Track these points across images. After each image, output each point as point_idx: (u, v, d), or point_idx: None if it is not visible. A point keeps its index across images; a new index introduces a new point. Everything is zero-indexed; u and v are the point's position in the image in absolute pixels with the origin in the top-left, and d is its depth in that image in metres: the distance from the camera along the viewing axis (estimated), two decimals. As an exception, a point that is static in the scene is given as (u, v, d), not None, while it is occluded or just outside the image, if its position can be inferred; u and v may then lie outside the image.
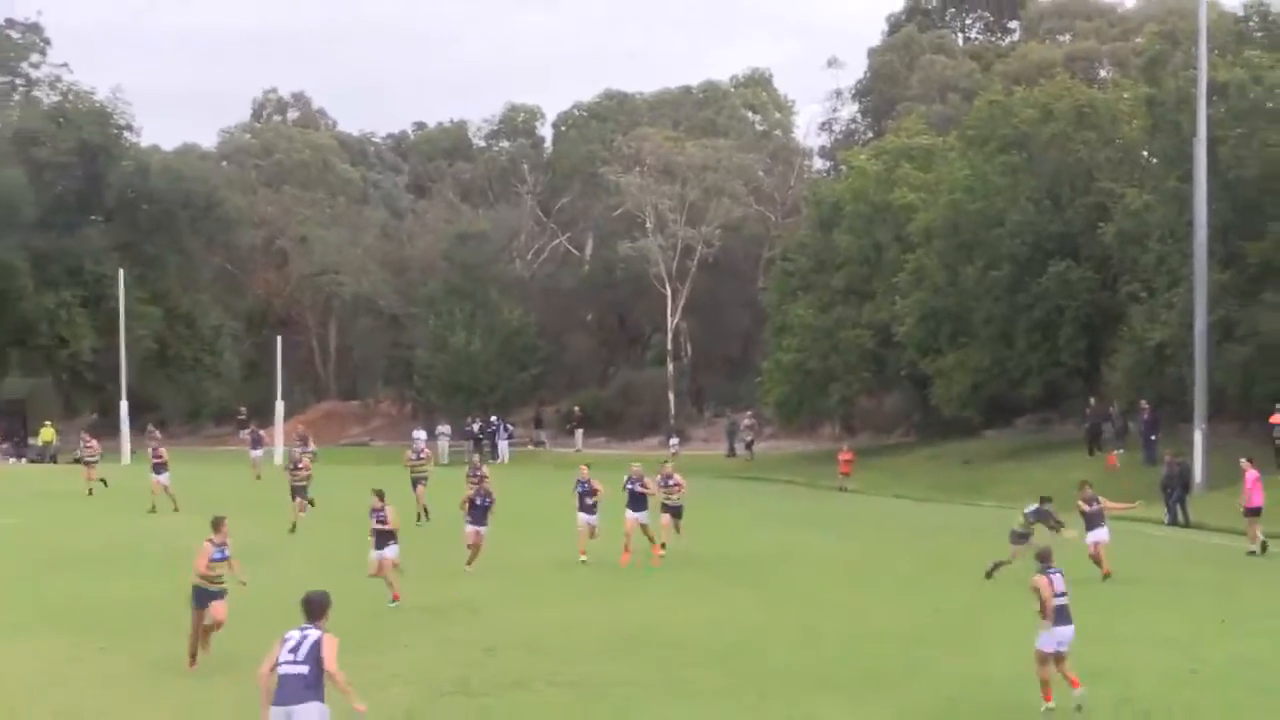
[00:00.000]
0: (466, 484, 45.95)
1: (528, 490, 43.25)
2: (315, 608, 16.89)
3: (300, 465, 51.87)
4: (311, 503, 52.60)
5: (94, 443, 63.02)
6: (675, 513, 42.32)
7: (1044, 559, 22.75)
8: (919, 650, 28.53)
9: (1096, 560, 37.61)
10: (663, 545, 41.52)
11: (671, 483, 42.49)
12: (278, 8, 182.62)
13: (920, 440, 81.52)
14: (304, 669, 15.95)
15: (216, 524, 26.06)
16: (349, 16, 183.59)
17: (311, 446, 58.77)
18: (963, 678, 26.14)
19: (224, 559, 25.87)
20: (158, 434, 76.20)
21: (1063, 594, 22.18)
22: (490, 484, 41.06)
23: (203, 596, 25.49)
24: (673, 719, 22.78)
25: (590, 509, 40.97)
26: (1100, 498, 39.09)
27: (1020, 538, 37.33)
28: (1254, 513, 46.34)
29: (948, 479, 69.26)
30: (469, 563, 38.45)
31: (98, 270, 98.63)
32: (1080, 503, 38.79)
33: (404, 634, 28.52)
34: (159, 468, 54.79)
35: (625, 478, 42.09)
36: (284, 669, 16.02)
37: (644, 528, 41.40)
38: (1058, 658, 21.88)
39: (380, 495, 35.21)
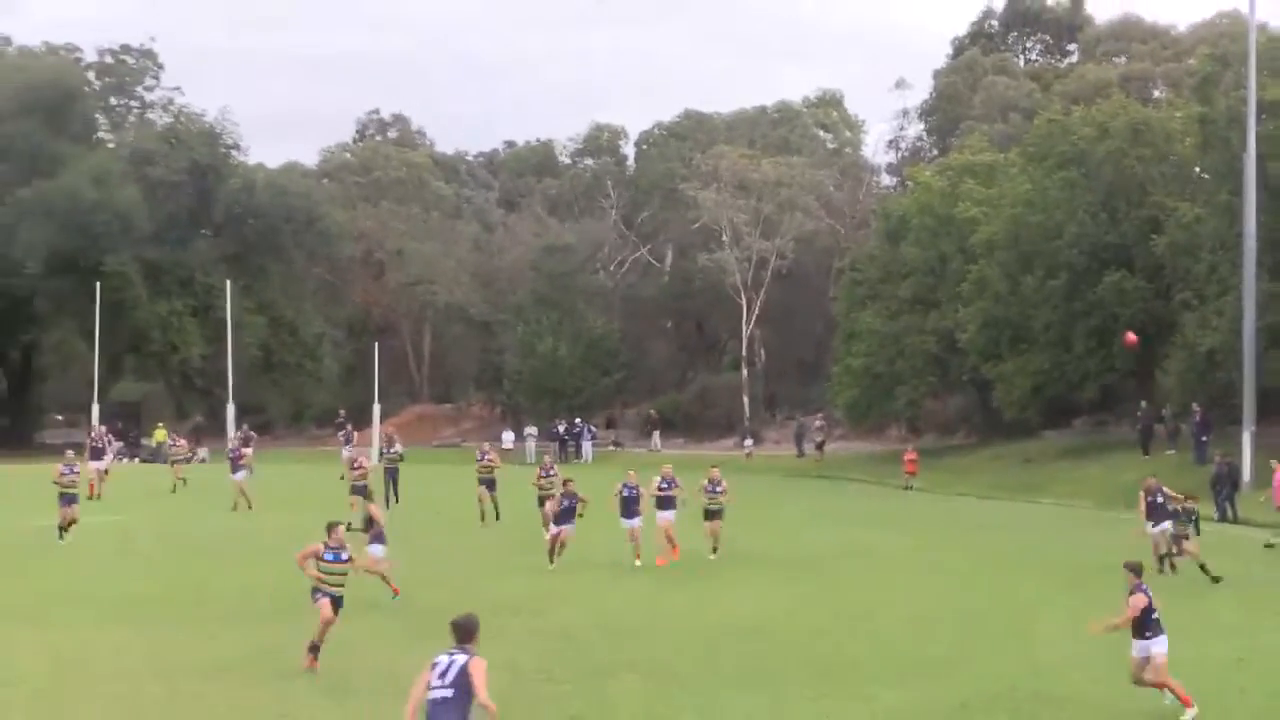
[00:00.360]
0: (537, 482, 46.29)
1: (609, 488, 42.76)
2: (463, 631, 16.16)
3: (357, 465, 50.75)
4: (397, 498, 53.61)
5: (182, 442, 63.65)
6: (717, 515, 41.33)
7: (1137, 572, 22.15)
8: (978, 640, 28.47)
9: (1158, 552, 36.74)
10: (714, 549, 40.88)
11: (719, 489, 41.56)
12: (375, 35, 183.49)
13: (981, 441, 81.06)
14: (449, 693, 15.35)
15: (329, 529, 25.17)
16: (442, 41, 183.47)
17: (398, 447, 58.52)
18: (1019, 666, 26.03)
19: (338, 561, 24.83)
20: (238, 434, 76.56)
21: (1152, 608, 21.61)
22: (575, 486, 40.17)
23: (318, 596, 24.64)
24: (748, 705, 22.51)
25: (634, 514, 39.89)
26: (1165, 488, 37.92)
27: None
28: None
29: (1008, 478, 68.87)
30: (551, 560, 38.14)
31: (207, 281, 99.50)
32: (1145, 495, 37.68)
33: (487, 625, 28.24)
34: (235, 467, 55.06)
35: (656, 480, 41.53)
36: (433, 693, 15.43)
37: (669, 528, 40.58)
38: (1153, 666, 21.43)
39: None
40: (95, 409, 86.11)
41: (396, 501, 53.97)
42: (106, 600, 33.36)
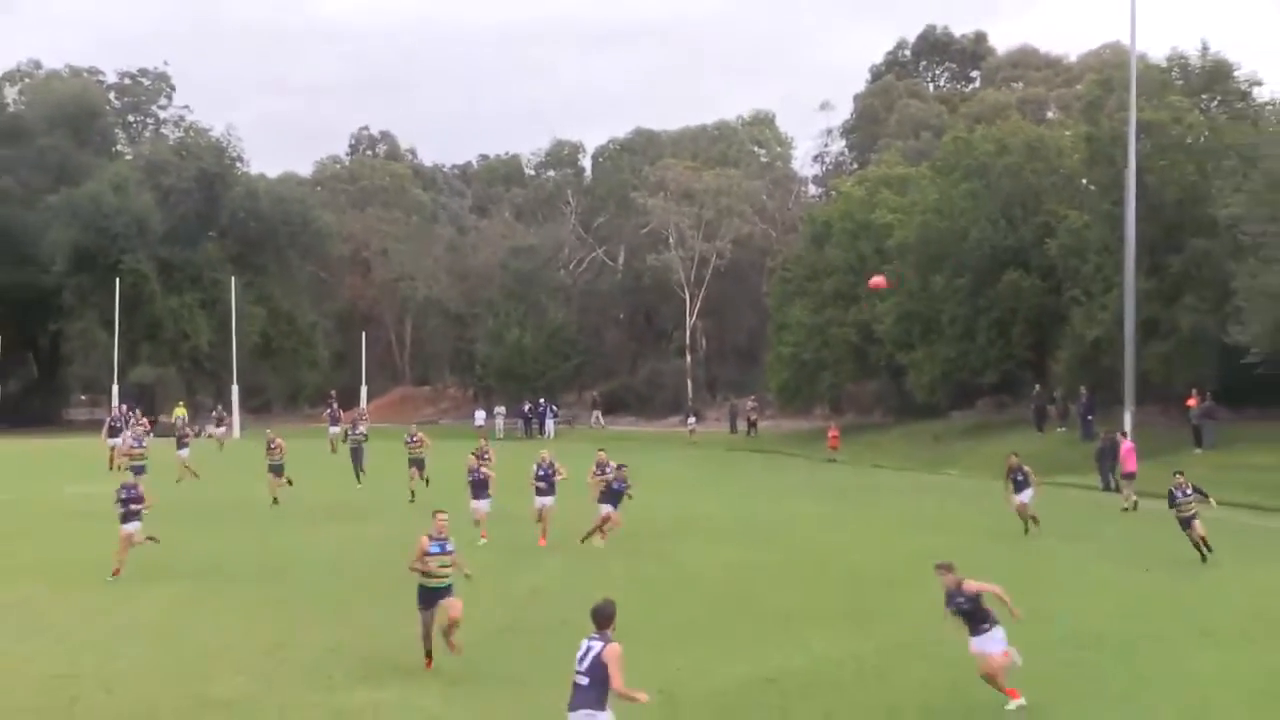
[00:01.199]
0: (471, 460, 42.42)
1: (566, 458, 42.20)
2: (601, 617, 15.50)
3: (274, 444, 47.42)
4: (362, 475, 52.53)
5: (189, 430, 63.02)
6: (616, 500, 36.89)
7: (950, 569, 19.35)
8: (895, 593, 28.57)
9: (1023, 517, 37.97)
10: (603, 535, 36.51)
11: (609, 471, 37.82)
12: (360, 60, 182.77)
13: (896, 420, 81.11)
14: (584, 680, 14.81)
15: (434, 515, 21.86)
16: (419, 62, 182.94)
17: (363, 429, 57.80)
18: (929, 616, 26.25)
19: (443, 553, 21.11)
20: (214, 414, 76.58)
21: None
22: (627, 472, 37.51)
23: (428, 596, 20.92)
24: (695, 654, 22.48)
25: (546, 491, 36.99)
26: (1025, 466, 39.05)
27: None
28: (1129, 477, 46.73)
29: (919, 452, 68.92)
30: (603, 536, 35.70)
31: (213, 277, 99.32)
32: (1009, 471, 38.82)
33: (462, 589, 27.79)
34: (181, 444, 53.75)
35: (535, 465, 38.91)
36: (575, 678, 14.91)
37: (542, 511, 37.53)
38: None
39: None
40: (115, 390, 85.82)
41: (362, 477, 52.89)
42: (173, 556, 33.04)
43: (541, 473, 37.96)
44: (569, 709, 14.73)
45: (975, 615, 18.65)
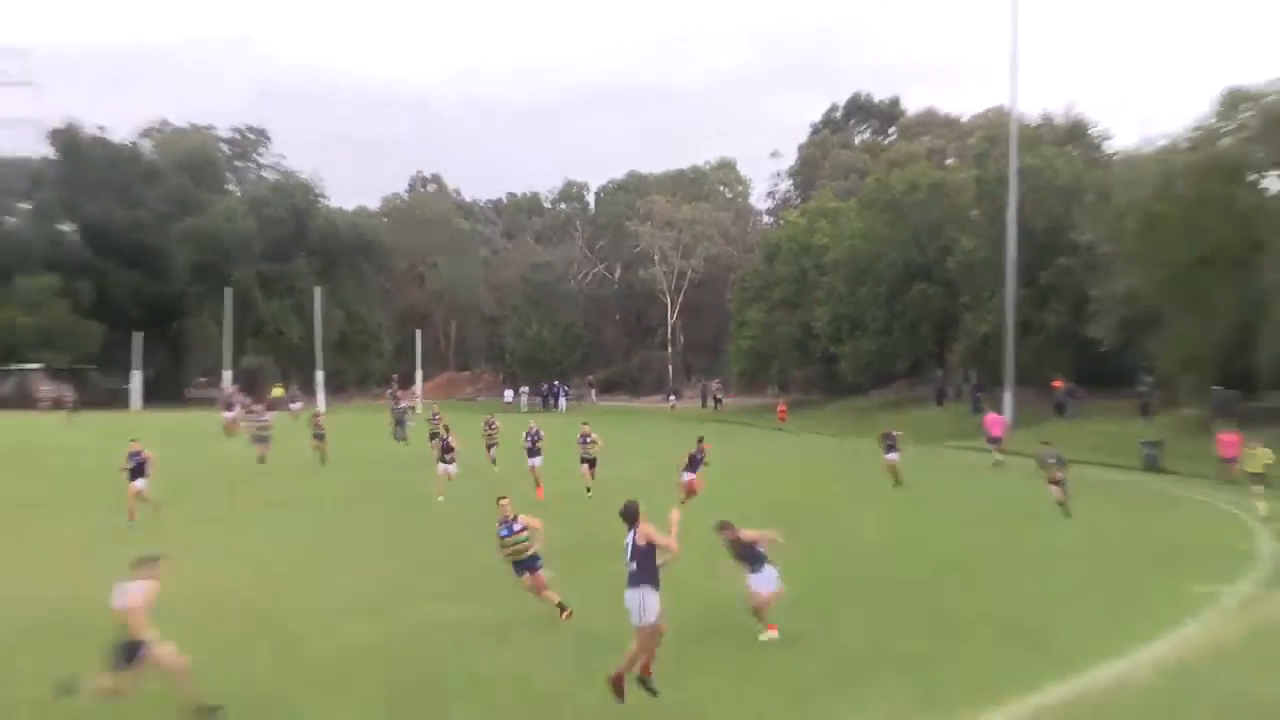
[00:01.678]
0: (484, 431, 42.70)
1: (571, 429, 41.76)
2: (629, 515, 15.11)
3: (436, 416, 45.87)
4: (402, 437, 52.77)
5: (267, 415, 62.25)
6: (592, 464, 35.77)
7: (727, 527, 18.03)
8: (829, 526, 28.71)
9: (891, 474, 38.21)
10: (588, 489, 34.59)
11: (589, 440, 36.01)
12: (423, 117, 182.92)
13: (828, 398, 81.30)
14: (633, 566, 14.58)
15: (497, 501, 19.56)
16: (465, 120, 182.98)
17: (405, 404, 57.19)
18: (853, 542, 26.58)
19: (511, 534, 18.92)
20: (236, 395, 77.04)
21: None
22: (708, 446, 36.17)
23: (518, 568, 19.11)
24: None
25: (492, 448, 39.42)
26: (896, 431, 40.06)
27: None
28: (994, 441, 47.44)
29: (847, 422, 68.95)
30: (683, 501, 31.64)
31: (302, 287, 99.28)
32: (883, 437, 39.70)
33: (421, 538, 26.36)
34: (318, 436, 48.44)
35: (524, 432, 37.54)
36: (627, 568, 14.64)
37: (534, 468, 35.90)
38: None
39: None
40: (226, 375, 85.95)
41: (404, 438, 53.20)
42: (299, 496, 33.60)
43: (529, 440, 36.80)
44: (627, 588, 14.51)
45: (753, 558, 17.63)
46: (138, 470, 29.14)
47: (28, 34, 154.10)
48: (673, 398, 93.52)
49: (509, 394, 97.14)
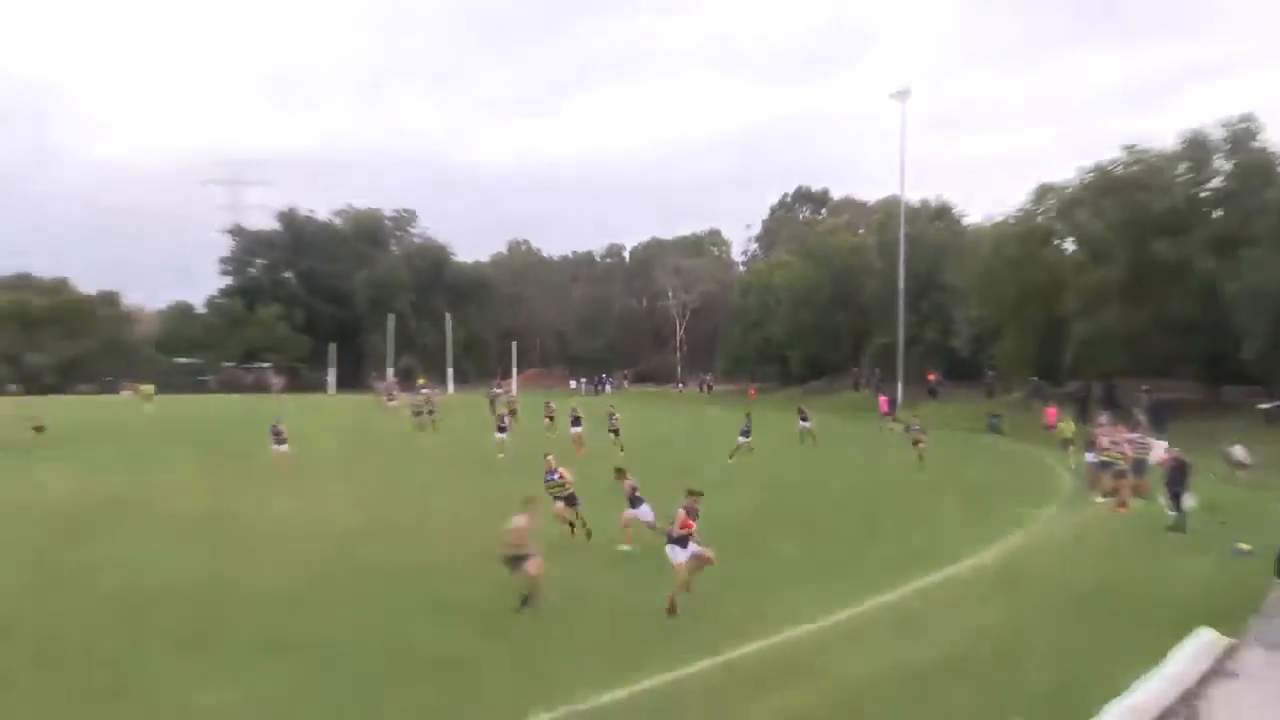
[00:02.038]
0: (546, 410, 39.72)
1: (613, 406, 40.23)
2: (690, 497, 13.33)
3: (613, 416, 35.40)
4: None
5: (425, 393, 56.62)
6: (616, 433, 33.17)
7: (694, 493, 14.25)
8: (761, 470, 27.85)
9: (805, 435, 37.05)
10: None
11: (614, 417, 34.21)
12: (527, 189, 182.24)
13: (781, 385, 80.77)
14: (673, 531, 13.17)
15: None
16: (548, 201, 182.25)
17: (498, 390, 53.60)
18: (779, 481, 26.00)
19: (551, 481, 17.37)
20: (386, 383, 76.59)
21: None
22: (618, 415, 34.46)
23: (556, 500, 17.26)
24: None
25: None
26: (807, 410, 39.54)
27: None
28: (886, 414, 48.34)
29: (792, 403, 67.39)
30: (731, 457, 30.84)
31: (439, 314, 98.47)
32: (799, 413, 39.45)
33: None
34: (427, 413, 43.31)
35: (570, 409, 34.36)
36: (669, 531, 13.30)
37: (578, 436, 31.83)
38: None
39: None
40: (389, 371, 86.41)
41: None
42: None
43: (573, 415, 33.22)
44: (667, 545, 13.30)
45: (633, 501, 16.35)
46: (279, 436, 27.50)
47: (265, 145, 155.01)
48: (680, 385, 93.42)
49: (573, 383, 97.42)
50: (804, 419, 38.03)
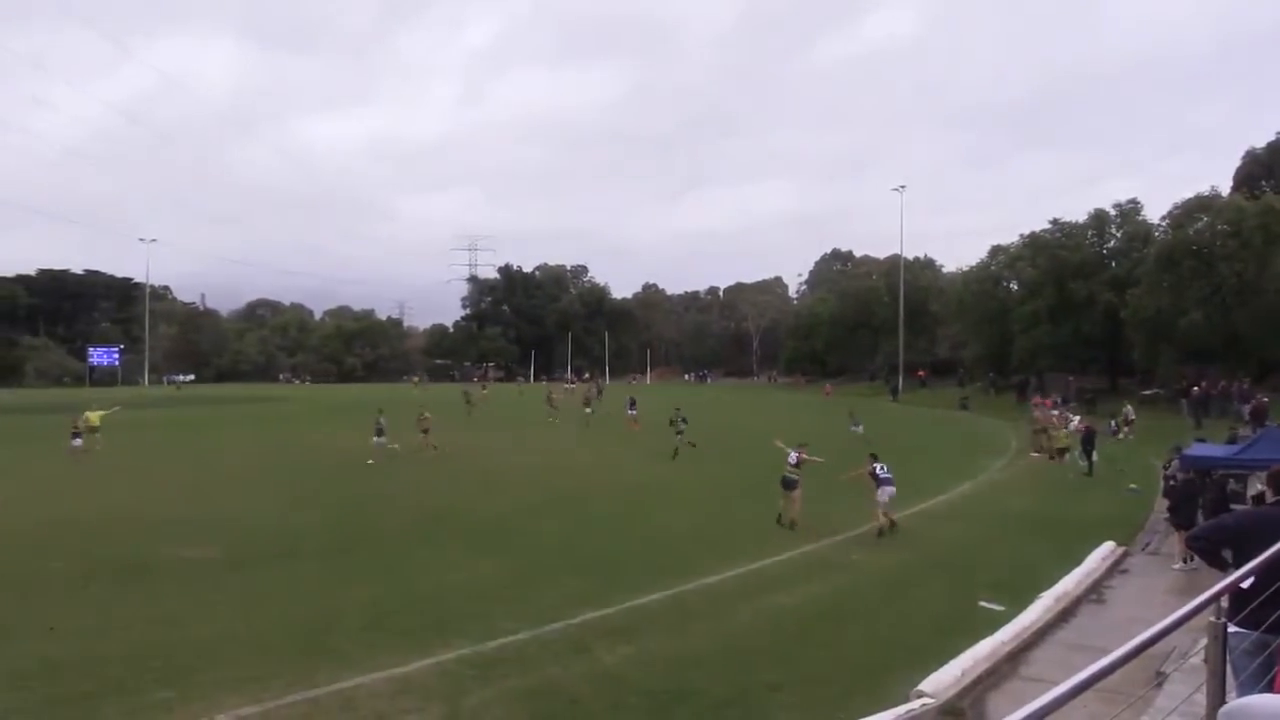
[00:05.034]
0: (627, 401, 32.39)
1: (706, 393, 35.73)
2: (798, 445, 11.87)
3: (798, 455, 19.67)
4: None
5: (572, 385, 52.31)
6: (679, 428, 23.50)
7: (875, 457, 12.63)
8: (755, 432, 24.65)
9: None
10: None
11: (679, 412, 23.07)
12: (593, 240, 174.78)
13: (821, 379, 72.49)
14: (788, 472, 11.28)
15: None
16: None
17: (573, 385, 48.90)
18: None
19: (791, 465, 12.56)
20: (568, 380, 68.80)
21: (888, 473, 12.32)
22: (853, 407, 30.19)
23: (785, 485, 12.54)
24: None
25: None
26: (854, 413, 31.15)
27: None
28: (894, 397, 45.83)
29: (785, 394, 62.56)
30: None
31: (598, 334, 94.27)
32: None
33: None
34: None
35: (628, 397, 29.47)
36: (785, 472, 11.72)
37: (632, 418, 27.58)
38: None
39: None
40: (568, 371, 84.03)
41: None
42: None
43: (629, 402, 30.19)
44: (782, 488, 11.86)
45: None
46: (379, 431, 20.50)
47: (490, 225, 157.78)
48: (755, 378, 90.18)
49: (686, 376, 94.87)
50: (855, 421, 28.32)
